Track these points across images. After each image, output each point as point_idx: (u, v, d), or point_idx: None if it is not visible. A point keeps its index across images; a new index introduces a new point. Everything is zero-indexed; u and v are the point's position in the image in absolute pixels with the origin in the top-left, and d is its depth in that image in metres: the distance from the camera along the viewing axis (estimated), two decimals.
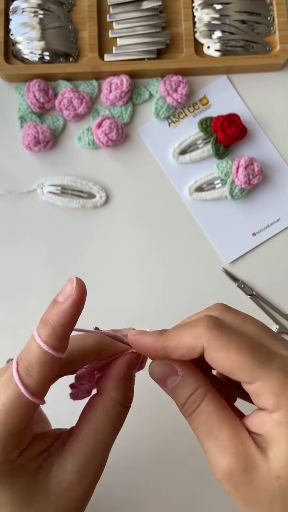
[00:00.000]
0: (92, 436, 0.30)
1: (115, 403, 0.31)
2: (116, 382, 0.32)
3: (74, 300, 0.28)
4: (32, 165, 0.61)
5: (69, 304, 0.28)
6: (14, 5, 0.61)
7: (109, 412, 0.31)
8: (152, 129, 0.62)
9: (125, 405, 0.32)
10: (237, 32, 0.62)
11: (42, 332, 0.28)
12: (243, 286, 0.59)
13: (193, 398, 0.29)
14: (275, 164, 0.62)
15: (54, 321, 0.28)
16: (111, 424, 0.31)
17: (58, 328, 0.28)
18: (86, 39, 0.62)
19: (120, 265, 0.60)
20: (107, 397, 0.31)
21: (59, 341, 0.28)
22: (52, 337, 0.28)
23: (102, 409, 0.31)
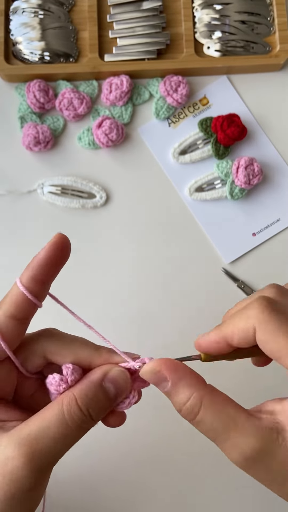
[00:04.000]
0: (38, 422, 0.29)
1: (72, 401, 0.30)
2: (84, 384, 0.30)
3: (51, 244, 0.31)
4: (32, 165, 0.61)
5: (46, 248, 0.31)
6: (14, 6, 0.62)
7: (63, 406, 0.29)
8: (152, 129, 0.62)
9: (84, 412, 0.30)
10: (237, 32, 0.62)
11: (22, 275, 0.31)
12: (243, 286, 0.59)
13: (189, 406, 0.29)
14: (275, 164, 0.62)
15: (32, 264, 0.31)
16: (61, 418, 0.29)
17: (35, 270, 0.30)
18: (86, 39, 0.62)
19: (120, 265, 0.60)
20: (69, 392, 0.30)
21: (36, 284, 0.31)
22: (30, 278, 0.30)
23: (58, 402, 0.30)
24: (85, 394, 0.30)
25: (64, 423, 0.29)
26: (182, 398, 0.29)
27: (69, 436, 0.29)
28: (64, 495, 0.55)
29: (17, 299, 0.31)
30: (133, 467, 0.56)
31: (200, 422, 0.28)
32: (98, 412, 0.30)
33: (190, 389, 0.29)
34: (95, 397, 0.30)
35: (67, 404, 0.29)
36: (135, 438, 0.56)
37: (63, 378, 0.31)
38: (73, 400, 0.30)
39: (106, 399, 0.31)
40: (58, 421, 0.29)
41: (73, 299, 0.59)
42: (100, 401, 0.30)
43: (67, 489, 0.55)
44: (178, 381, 0.29)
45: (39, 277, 0.31)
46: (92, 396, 0.30)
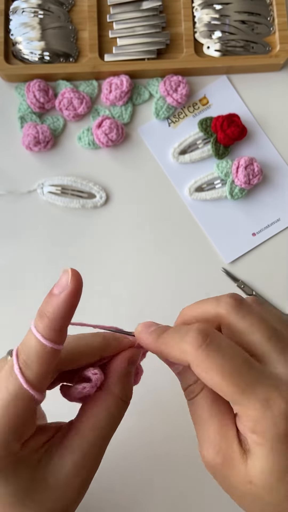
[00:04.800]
0: (92, 431, 0.31)
1: (116, 399, 0.32)
2: (117, 378, 0.32)
3: (70, 292, 0.29)
4: (32, 165, 0.61)
5: (65, 296, 0.28)
6: (14, 5, 0.61)
7: (110, 408, 0.31)
8: (152, 129, 0.62)
9: (125, 401, 0.32)
10: (237, 32, 0.62)
11: (39, 325, 0.28)
12: (243, 286, 0.59)
13: (192, 388, 0.30)
14: (275, 164, 0.62)
15: (50, 314, 0.28)
16: (111, 419, 0.31)
17: (54, 321, 0.28)
18: (86, 39, 0.62)
19: (120, 265, 0.60)
20: (109, 393, 0.32)
21: (56, 333, 0.28)
22: (49, 329, 0.28)
23: (103, 404, 0.31)
24: (125, 391, 0.32)
25: (114, 422, 0.32)
26: (189, 380, 0.30)
27: (116, 425, 0.32)
28: None
29: (43, 353, 0.28)
30: (133, 468, 0.56)
31: (194, 404, 0.30)
32: (131, 393, 0.33)
33: (194, 378, 0.30)
34: (130, 385, 0.33)
35: (115, 406, 0.31)
36: (135, 438, 0.56)
37: (93, 385, 0.31)
38: (119, 400, 0.32)
39: (132, 377, 0.33)
40: (110, 425, 0.31)
41: None
42: (131, 385, 0.33)
43: None
44: (189, 368, 0.29)
45: (61, 328, 0.29)
46: (130, 388, 0.32)
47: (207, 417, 0.29)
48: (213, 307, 0.31)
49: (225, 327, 0.30)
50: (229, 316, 0.30)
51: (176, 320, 0.34)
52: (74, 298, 0.29)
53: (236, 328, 0.29)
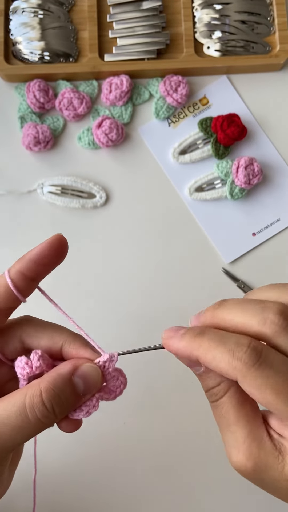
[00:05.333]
0: None
1: (36, 391, 0.28)
2: (50, 375, 0.29)
3: (48, 241, 0.31)
4: (32, 165, 0.61)
5: (42, 244, 0.31)
6: (14, 5, 0.61)
7: (26, 394, 0.28)
8: (152, 129, 0.62)
9: (47, 407, 0.28)
10: (237, 32, 0.62)
11: (12, 267, 0.31)
12: (243, 286, 0.59)
13: (215, 390, 0.29)
14: (275, 164, 0.62)
15: (25, 257, 0.31)
16: (20, 413, 0.28)
17: (26, 262, 0.30)
18: (86, 39, 0.62)
19: (120, 265, 0.60)
20: (34, 383, 0.29)
21: (23, 277, 0.30)
22: (19, 271, 0.30)
23: (23, 392, 0.29)
24: (52, 387, 0.28)
25: (24, 415, 0.28)
26: (212, 383, 0.29)
27: (26, 428, 0.28)
28: (64, 498, 0.55)
29: (1, 290, 0.31)
30: (133, 470, 0.56)
31: (219, 406, 0.29)
32: (62, 408, 0.29)
33: (221, 377, 0.29)
34: (62, 392, 0.29)
35: (30, 396, 0.28)
36: (135, 439, 0.56)
37: (28, 362, 0.30)
38: (38, 392, 0.28)
39: (74, 395, 0.29)
40: (18, 412, 0.28)
41: (73, 299, 0.59)
42: (66, 397, 0.29)
43: (67, 492, 0.55)
44: (209, 371, 0.29)
45: (28, 273, 0.31)
46: (58, 391, 0.29)
47: (234, 420, 0.28)
48: (257, 322, 0.27)
49: (270, 344, 0.28)
50: (276, 339, 0.27)
51: (205, 317, 0.30)
52: (50, 250, 0.31)
53: (284, 349, 0.27)
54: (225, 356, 0.26)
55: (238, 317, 0.28)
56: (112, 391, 0.31)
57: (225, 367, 0.26)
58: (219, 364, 0.27)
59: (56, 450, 0.55)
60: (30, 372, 0.30)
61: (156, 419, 0.56)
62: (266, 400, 0.26)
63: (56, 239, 0.31)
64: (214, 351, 0.27)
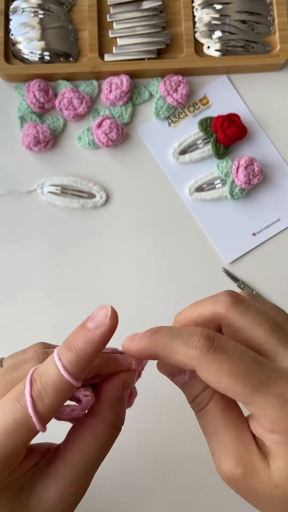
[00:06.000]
0: (79, 460, 0.29)
1: (106, 427, 0.29)
2: (110, 405, 0.30)
3: (107, 330, 0.27)
4: (32, 165, 0.61)
5: (100, 334, 0.27)
6: (14, 5, 0.61)
7: (100, 436, 0.29)
8: (152, 129, 0.62)
9: (116, 428, 0.30)
10: (237, 32, 0.62)
11: (64, 356, 0.26)
12: (243, 286, 0.59)
13: (200, 398, 0.29)
14: (275, 164, 0.62)
15: (80, 348, 0.26)
16: (100, 448, 0.29)
17: (82, 356, 0.26)
18: (86, 39, 0.62)
19: (120, 265, 0.60)
20: (99, 420, 0.29)
21: (80, 370, 0.26)
22: (75, 364, 0.26)
23: (92, 432, 0.29)
24: (117, 418, 0.30)
25: (103, 451, 0.29)
26: (197, 390, 0.29)
27: (105, 454, 0.30)
28: None
29: (61, 388, 0.26)
30: (133, 470, 0.56)
31: (204, 414, 0.28)
32: (123, 420, 0.30)
33: (205, 383, 0.28)
34: (123, 412, 0.30)
35: (104, 434, 0.29)
36: (136, 440, 0.56)
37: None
38: (110, 428, 0.29)
39: (125, 403, 0.31)
40: (98, 454, 0.29)
41: (72, 299, 0.59)
42: (124, 411, 0.30)
43: None
44: (196, 375, 0.28)
45: (87, 365, 0.27)
46: (122, 415, 0.30)
47: (220, 427, 0.28)
48: (210, 307, 0.30)
49: (225, 326, 0.29)
50: (228, 315, 0.29)
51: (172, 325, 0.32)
52: (108, 338, 0.27)
53: (238, 326, 0.29)
54: (180, 348, 0.27)
55: (193, 312, 0.31)
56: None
57: (182, 357, 0.27)
58: (176, 356, 0.27)
59: None
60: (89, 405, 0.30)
61: (156, 419, 0.56)
62: (222, 384, 0.26)
63: (114, 321, 0.27)
64: (170, 344, 0.27)
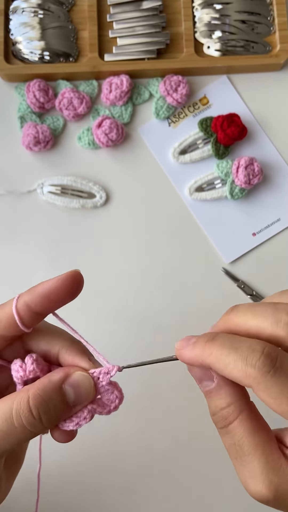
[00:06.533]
0: None
1: (24, 400, 0.27)
2: (37, 383, 0.28)
3: (61, 277, 0.29)
4: (32, 165, 0.61)
5: (55, 279, 0.29)
6: (14, 5, 0.61)
7: (13, 406, 0.27)
8: (152, 129, 0.62)
9: (33, 415, 0.27)
10: (237, 32, 0.62)
11: (22, 296, 0.29)
12: (243, 286, 0.59)
13: (225, 413, 0.27)
14: (275, 164, 0.62)
15: (36, 289, 0.29)
16: (6, 419, 0.27)
17: (35, 296, 0.29)
18: (86, 39, 0.62)
19: (120, 265, 0.60)
20: (24, 391, 0.28)
21: (29, 312, 0.29)
22: (26, 305, 0.29)
23: (11, 397, 0.28)
24: (40, 394, 0.27)
25: (9, 421, 0.27)
26: (221, 403, 0.27)
27: (12, 436, 0.27)
28: (63, 499, 0.55)
29: (7, 319, 0.29)
30: (133, 471, 0.56)
31: (229, 434, 0.27)
32: (49, 417, 0.28)
33: (232, 397, 0.27)
34: (51, 400, 0.28)
35: (18, 402, 0.27)
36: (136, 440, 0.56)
37: (22, 365, 0.29)
38: (25, 399, 0.27)
39: (63, 404, 0.28)
40: (4, 417, 0.27)
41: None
42: (55, 406, 0.28)
43: (66, 493, 0.55)
44: (223, 385, 0.27)
45: (35, 308, 0.29)
46: (47, 398, 0.27)
47: (249, 450, 0.26)
48: (270, 324, 0.26)
49: (284, 349, 0.27)
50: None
51: (218, 323, 0.29)
52: (63, 287, 0.29)
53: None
54: (238, 364, 0.25)
55: (251, 321, 0.27)
56: (107, 405, 0.30)
57: (238, 374, 0.25)
58: (232, 372, 0.25)
59: (56, 451, 0.55)
60: (23, 376, 0.29)
61: (156, 420, 0.56)
62: (282, 409, 0.25)
63: (70, 276, 0.29)
64: (226, 358, 0.25)
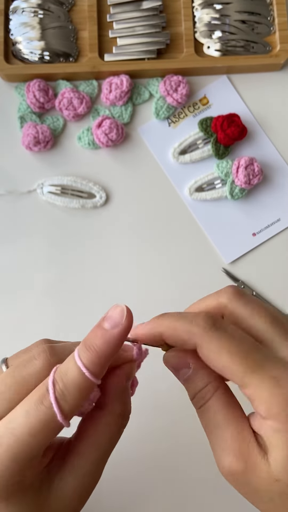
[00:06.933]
0: (94, 451, 0.30)
1: (116, 418, 0.30)
2: (117, 396, 0.31)
3: (124, 329, 0.28)
4: (32, 165, 0.61)
5: (118, 333, 0.28)
6: (14, 5, 0.61)
7: (111, 427, 0.30)
8: (152, 129, 0.62)
9: (125, 418, 0.31)
10: (237, 32, 0.62)
11: (84, 356, 0.27)
12: (243, 286, 0.59)
13: (203, 393, 0.29)
14: (275, 164, 0.62)
15: (98, 348, 0.27)
16: (111, 438, 0.30)
17: (101, 356, 0.27)
18: (86, 39, 0.62)
19: (120, 265, 0.60)
20: (108, 412, 0.30)
21: (100, 369, 0.27)
22: (95, 363, 0.27)
23: (103, 424, 0.30)
24: (125, 408, 0.31)
25: (114, 441, 0.30)
26: (198, 385, 0.29)
27: (116, 443, 0.31)
28: None
29: (83, 386, 0.27)
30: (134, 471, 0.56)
31: (205, 411, 0.29)
32: (130, 409, 0.32)
33: (208, 377, 0.29)
34: (129, 401, 0.31)
35: (114, 424, 0.30)
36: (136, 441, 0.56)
37: (89, 403, 0.31)
38: (119, 418, 0.30)
39: (129, 392, 0.32)
40: (110, 443, 0.30)
41: (72, 299, 0.59)
42: (130, 401, 0.32)
43: None
44: (199, 369, 0.30)
45: (106, 363, 0.28)
46: (129, 404, 0.31)
47: (221, 423, 0.28)
48: (214, 299, 0.31)
49: (227, 315, 0.31)
50: (231, 304, 0.30)
51: None
52: (125, 337, 0.28)
53: (239, 314, 0.30)
54: (185, 326, 0.29)
55: (200, 304, 0.32)
56: None
57: (185, 335, 0.28)
58: (180, 334, 0.29)
59: None
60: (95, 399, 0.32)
61: (157, 419, 0.56)
62: (221, 362, 0.27)
63: (129, 322, 0.29)
64: (175, 324, 0.29)
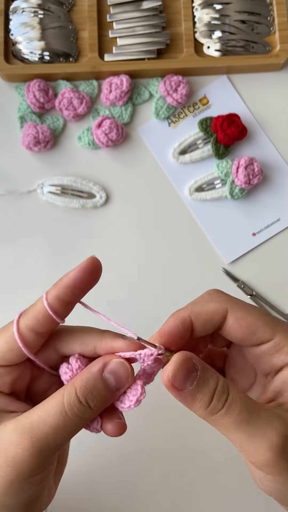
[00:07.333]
0: (38, 414, 0.30)
1: (70, 394, 0.30)
2: (81, 375, 0.31)
3: (83, 266, 0.32)
4: (32, 165, 0.61)
5: (77, 269, 0.32)
6: (14, 5, 0.61)
7: (61, 402, 0.30)
8: (152, 129, 0.62)
9: (81, 402, 0.30)
10: (237, 32, 0.62)
11: (50, 291, 0.31)
12: (243, 286, 0.59)
13: (220, 389, 0.30)
14: (275, 164, 0.62)
15: (61, 283, 0.31)
16: (60, 411, 0.30)
17: (63, 290, 0.31)
18: (86, 39, 0.62)
19: (120, 265, 0.60)
20: (67, 386, 0.31)
21: (61, 303, 0.31)
22: (57, 298, 0.31)
23: (60, 392, 0.30)
24: (85, 384, 0.30)
25: (63, 413, 0.30)
26: (212, 384, 0.30)
27: (68, 426, 0.30)
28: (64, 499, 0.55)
29: (40, 315, 0.31)
30: (135, 471, 0.56)
31: (234, 403, 0.29)
32: (97, 402, 0.31)
33: (216, 375, 0.30)
34: (94, 387, 0.31)
35: (67, 394, 0.30)
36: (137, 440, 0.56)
37: (69, 367, 0.32)
38: (73, 390, 0.30)
39: (106, 390, 0.31)
40: (58, 410, 0.29)
41: None
42: (99, 392, 0.31)
43: (67, 493, 0.55)
44: (206, 369, 0.30)
45: (65, 298, 0.31)
46: (91, 387, 0.30)
47: (258, 407, 0.30)
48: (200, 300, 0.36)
49: None
50: None
51: None
52: (85, 275, 0.31)
53: None
54: (212, 300, 0.35)
55: None
56: (151, 375, 0.33)
57: (215, 305, 0.34)
58: (209, 306, 0.34)
59: None
60: (72, 376, 0.32)
61: (158, 420, 0.56)
62: (253, 317, 0.32)
63: (90, 264, 0.32)
64: (202, 303, 0.36)
